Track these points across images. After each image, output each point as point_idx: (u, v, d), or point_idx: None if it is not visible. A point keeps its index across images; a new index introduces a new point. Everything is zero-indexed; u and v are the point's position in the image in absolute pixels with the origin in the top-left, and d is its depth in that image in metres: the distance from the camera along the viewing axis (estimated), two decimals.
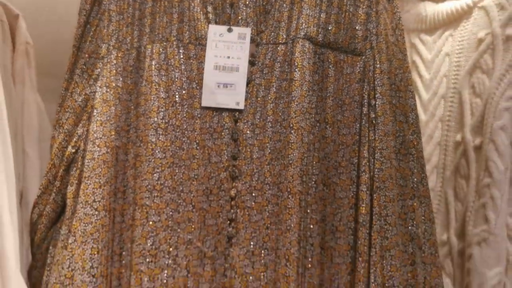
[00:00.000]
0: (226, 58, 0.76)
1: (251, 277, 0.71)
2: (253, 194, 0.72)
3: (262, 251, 0.71)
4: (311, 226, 0.72)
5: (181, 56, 0.76)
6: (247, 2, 0.77)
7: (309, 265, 0.72)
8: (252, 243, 0.71)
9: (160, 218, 0.71)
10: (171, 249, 0.71)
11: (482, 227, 0.75)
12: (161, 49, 0.75)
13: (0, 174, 0.67)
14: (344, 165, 0.73)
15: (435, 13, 0.91)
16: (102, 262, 0.68)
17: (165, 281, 0.70)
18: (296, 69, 0.73)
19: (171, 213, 0.71)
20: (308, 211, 0.72)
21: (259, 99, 0.74)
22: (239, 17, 0.76)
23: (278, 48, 0.75)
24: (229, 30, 0.77)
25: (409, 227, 0.70)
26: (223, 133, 0.73)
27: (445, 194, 0.84)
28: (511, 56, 0.77)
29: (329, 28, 0.77)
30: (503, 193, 0.75)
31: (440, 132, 0.87)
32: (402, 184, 0.71)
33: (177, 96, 0.74)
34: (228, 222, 0.72)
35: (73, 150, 0.73)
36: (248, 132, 0.73)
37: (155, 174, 0.72)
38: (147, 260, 0.70)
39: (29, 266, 0.76)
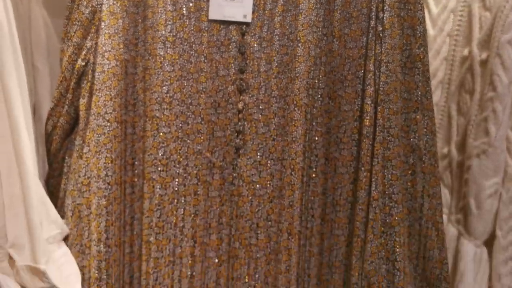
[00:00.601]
0: None
1: (258, 186, 0.75)
2: (260, 107, 0.74)
3: (269, 161, 0.74)
4: (316, 138, 0.75)
5: None
6: None
7: (313, 175, 0.75)
8: (259, 153, 0.75)
9: (170, 129, 0.74)
10: (181, 159, 0.74)
11: (483, 139, 0.77)
12: None
13: (14, 87, 0.68)
14: (350, 79, 0.74)
15: None
16: (116, 171, 0.72)
17: (176, 188, 0.74)
18: None
19: (180, 124, 0.74)
20: (314, 123, 0.74)
21: (266, 12, 0.74)
22: None
23: None
24: None
25: (411, 139, 0.72)
26: (230, 46, 0.74)
27: (448, 108, 0.85)
28: None
29: None
30: (505, 106, 0.76)
31: (447, 47, 0.86)
32: (406, 97, 0.73)
33: (184, 9, 0.74)
34: (236, 134, 0.75)
35: (83, 63, 0.74)
36: (255, 45, 0.74)
37: (164, 87, 0.73)
38: (159, 169, 0.74)
39: (47, 175, 0.80)
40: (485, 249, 0.80)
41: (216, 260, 0.75)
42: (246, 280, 0.75)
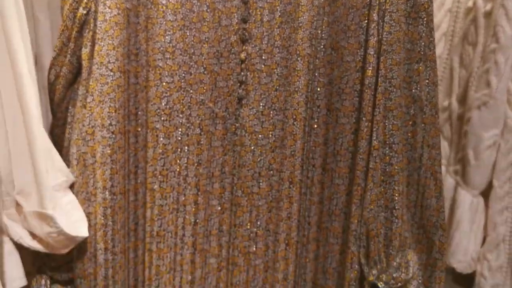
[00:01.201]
0: None
1: (260, 136, 0.76)
2: (263, 57, 0.74)
3: (271, 112, 0.75)
4: (318, 89, 0.75)
5: None
6: None
7: (315, 126, 0.76)
8: (261, 104, 0.75)
9: (173, 79, 0.74)
10: (184, 108, 0.75)
11: (484, 91, 0.78)
12: None
13: (16, 35, 0.68)
14: (353, 29, 0.73)
15: None
16: (120, 120, 0.72)
17: (179, 138, 0.75)
18: None
19: (183, 74, 0.74)
20: (316, 74, 0.75)
21: None
22: None
23: None
24: None
25: (413, 90, 0.73)
26: None
27: (451, 61, 0.85)
28: None
29: None
30: (507, 58, 0.76)
31: None
32: (409, 48, 0.73)
33: None
34: (239, 84, 0.75)
35: (84, 12, 0.73)
36: None
37: (166, 37, 0.73)
38: (162, 118, 0.74)
39: (51, 125, 0.80)
40: (482, 199, 0.82)
41: (219, 208, 0.77)
42: (248, 227, 0.77)
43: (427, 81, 0.73)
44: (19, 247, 0.71)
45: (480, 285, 0.82)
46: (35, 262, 0.75)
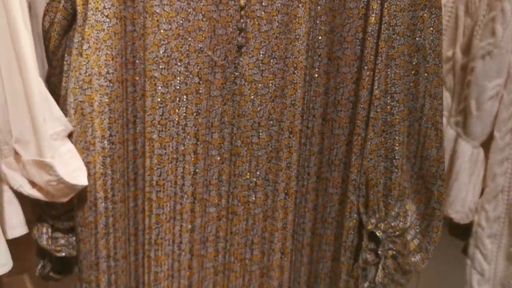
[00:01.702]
0: None
1: (260, 85, 0.74)
2: (263, 4, 0.72)
3: (271, 60, 0.74)
4: (320, 37, 0.73)
5: None
6: None
7: (316, 75, 0.75)
8: (261, 52, 0.73)
9: (171, 26, 0.72)
10: (182, 57, 0.73)
11: (489, 40, 0.76)
12: None
13: None
14: None
15: None
16: (117, 69, 0.71)
17: (178, 87, 0.74)
18: None
19: (181, 21, 0.72)
20: (317, 21, 0.73)
21: None
22: None
23: None
24: None
25: (417, 38, 0.71)
26: None
27: (456, 9, 0.83)
28: None
29: None
30: None
31: None
32: None
33: None
34: (238, 31, 0.73)
35: None
36: None
37: None
38: (160, 67, 0.73)
39: (47, 74, 0.79)
40: (482, 150, 0.82)
41: (218, 158, 0.77)
42: (248, 177, 0.77)
43: (431, 29, 0.71)
44: (19, 196, 0.71)
45: (477, 235, 0.83)
46: (35, 210, 0.76)
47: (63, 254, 0.74)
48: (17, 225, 0.72)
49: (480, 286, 0.83)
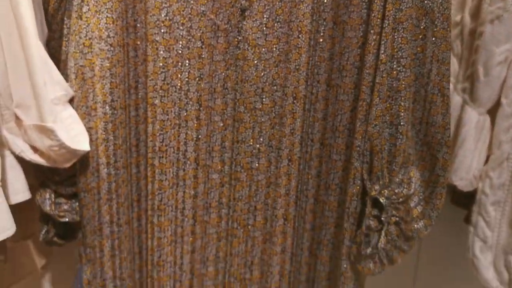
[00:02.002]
0: None
1: (263, 49, 0.73)
2: None
3: (275, 24, 0.72)
4: (325, 1, 0.72)
5: None
6: None
7: (321, 40, 0.73)
8: (265, 16, 0.72)
9: None
10: (184, 20, 0.71)
11: (498, 4, 0.74)
12: None
13: None
14: None
15: None
16: (118, 32, 0.69)
17: (180, 51, 0.73)
18: None
19: None
20: None
21: None
22: None
23: None
24: None
25: (425, 1, 0.69)
26: None
27: None
28: None
29: None
30: None
31: None
32: None
33: None
34: None
35: None
36: None
37: None
38: (162, 31, 0.71)
39: (47, 38, 0.77)
40: (488, 117, 0.80)
41: (221, 124, 0.76)
42: (251, 143, 0.76)
43: None
44: (21, 162, 0.71)
45: (481, 202, 0.82)
46: (38, 176, 0.76)
47: (67, 219, 0.74)
48: (20, 191, 0.72)
49: (482, 253, 0.83)
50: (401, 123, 0.71)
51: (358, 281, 0.80)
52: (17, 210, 0.80)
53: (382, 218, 0.73)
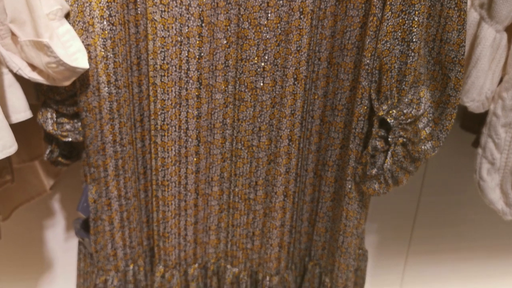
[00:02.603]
0: None
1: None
2: None
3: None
4: None
5: None
6: None
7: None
8: None
9: None
10: None
11: None
12: None
13: None
14: None
15: None
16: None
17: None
18: None
19: None
20: None
21: None
22: None
23: None
24: None
25: None
26: None
27: None
28: None
29: None
30: None
31: None
32: None
33: None
34: None
35: None
36: None
37: None
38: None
39: None
40: (505, 35, 0.76)
41: (225, 42, 0.73)
42: (255, 62, 0.74)
43: None
44: (21, 81, 0.69)
45: (491, 124, 0.80)
46: (39, 96, 0.74)
47: (70, 139, 0.74)
48: (20, 109, 0.70)
49: (489, 175, 0.82)
50: (413, 40, 0.67)
51: (362, 202, 0.80)
52: (21, 130, 0.79)
53: (389, 139, 0.71)
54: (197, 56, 0.73)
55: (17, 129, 0.70)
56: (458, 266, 1.33)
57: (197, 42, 0.72)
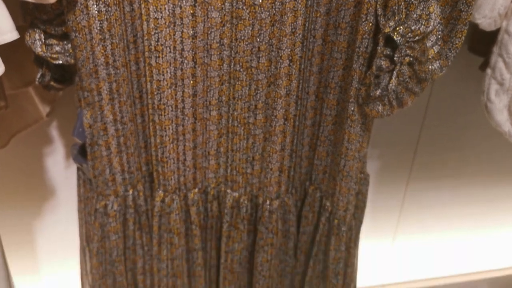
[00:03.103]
0: None
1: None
2: None
3: None
4: None
5: None
6: None
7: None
8: None
9: None
10: None
11: None
12: None
13: None
14: None
15: None
16: None
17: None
18: None
19: None
20: None
21: None
22: None
23: None
24: None
25: None
26: None
27: None
28: None
29: None
30: None
31: None
32: None
33: None
34: None
35: None
36: None
37: None
38: None
39: None
40: None
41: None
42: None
43: None
44: (5, 0, 0.65)
45: (503, 43, 0.76)
46: (25, 17, 0.70)
47: (60, 61, 0.71)
48: (7, 30, 0.66)
49: (497, 96, 0.79)
50: None
51: (364, 124, 0.77)
52: (11, 54, 0.76)
53: (395, 58, 0.68)
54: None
55: (7, 53, 0.67)
56: (459, 191, 1.33)
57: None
